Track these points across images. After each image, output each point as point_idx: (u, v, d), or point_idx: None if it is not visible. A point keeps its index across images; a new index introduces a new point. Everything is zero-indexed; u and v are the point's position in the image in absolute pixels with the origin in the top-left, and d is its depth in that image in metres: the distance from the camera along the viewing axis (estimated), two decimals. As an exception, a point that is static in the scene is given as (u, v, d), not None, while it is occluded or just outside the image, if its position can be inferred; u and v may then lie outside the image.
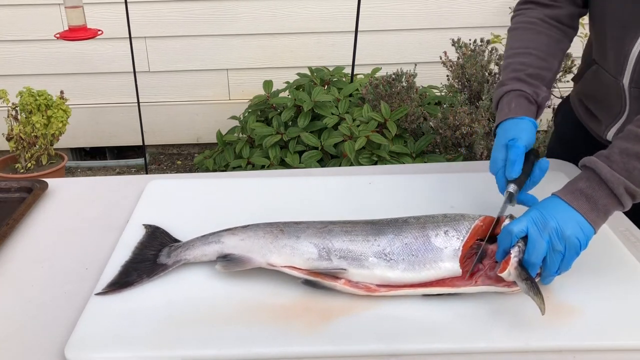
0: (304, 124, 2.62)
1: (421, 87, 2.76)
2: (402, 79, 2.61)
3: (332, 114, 2.62)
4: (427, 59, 3.13)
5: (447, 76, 2.68)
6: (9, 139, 2.86)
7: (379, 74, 2.82)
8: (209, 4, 3.17)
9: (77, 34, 2.52)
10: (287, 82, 2.92)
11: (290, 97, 2.76)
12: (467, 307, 0.90)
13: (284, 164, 2.60)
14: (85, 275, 1.00)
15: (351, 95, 2.78)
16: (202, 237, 1.01)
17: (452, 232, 0.94)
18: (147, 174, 3.10)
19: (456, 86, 2.64)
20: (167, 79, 3.36)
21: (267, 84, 2.84)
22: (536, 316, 0.86)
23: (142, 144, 2.96)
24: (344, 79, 2.91)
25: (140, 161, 3.51)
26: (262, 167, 2.59)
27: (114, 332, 0.85)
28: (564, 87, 2.13)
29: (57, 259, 1.05)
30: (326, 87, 2.83)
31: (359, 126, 2.53)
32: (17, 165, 2.93)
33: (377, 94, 2.61)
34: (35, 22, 3.12)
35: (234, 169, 2.68)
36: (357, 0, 2.64)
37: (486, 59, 2.55)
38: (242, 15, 3.21)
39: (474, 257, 0.94)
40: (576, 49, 1.39)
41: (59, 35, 2.54)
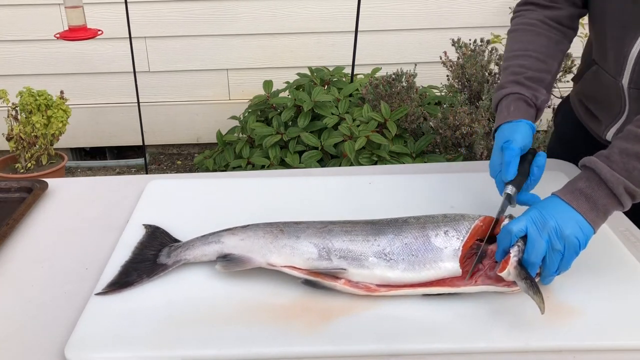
0: (304, 124, 2.62)
1: (421, 87, 2.76)
2: (402, 79, 2.61)
3: (332, 114, 2.62)
4: (427, 59, 3.13)
5: (447, 76, 2.68)
6: (9, 139, 2.87)
7: (379, 74, 2.82)
8: (209, 4, 3.18)
9: (77, 34, 2.52)
10: (287, 82, 2.92)
11: (290, 97, 2.76)
12: (467, 307, 0.90)
13: (284, 164, 2.60)
14: (85, 275, 1.00)
15: (351, 95, 2.78)
16: (202, 237, 1.01)
17: (452, 232, 0.94)
18: (147, 174, 3.10)
19: (456, 86, 2.64)
20: (167, 79, 3.36)
21: (267, 84, 2.84)
22: (536, 316, 0.86)
23: (142, 144, 2.96)
24: (344, 79, 2.91)
25: (140, 161, 3.51)
26: (262, 167, 2.59)
27: (114, 332, 0.85)
28: (564, 87, 2.14)
29: (57, 259, 1.05)
30: (326, 87, 2.83)
31: (359, 126, 2.53)
32: (17, 165, 2.93)
33: (377, 94, 2.61)
34: (35, 22, 3.13)
35: (234, 169, 2.68)
36: (357, 0, 2.64)
37: (486, 59, 2.55)
38: (242, 15, 3.21)
39: (474, 257, 0.94)
40: (576, 48, 1.39)
41: (59, 35, 2.54)
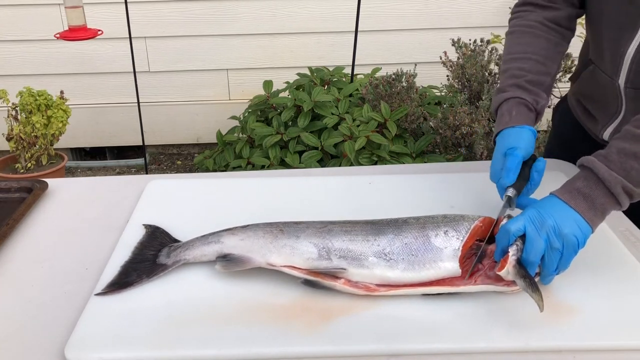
0: (304, 124, 2.62)
1: (421, 87, 2.76)
2: (402, 79, 2.61)
3: (332, 114, 2.62)
4: (427, 59, 3.13)
5: (447, 76, 2.68)
6: (9, 139, 2.87)
7: (379, 74, 2.82)
8: (209, 4, 3.18)
9: (77, 34, 2.52)
10: (287, 82, 2.92)
11: (290, 97, 2.76)
12: (467, 307, 0.90)
13: (284, 164, 2.60)
14: (85, 275, 1.00)
15: (351, 95, 2.78)
16: (202, 237, 1.01)
17: (452, 232, 0.94)
18: (147, 174, 3.10)
19: (456, 86, 2.64)
20: (167, 79, 3.36)
21: (267, 84, 2.84)
22: (536, 316, 0.86)
23: (142, 144, 2.96)
24: (344, 79, 2.91)
25: (140, 161, 3.51)
26: (262, 167, 2.59)
27: (114, 332, 0.85)
28: (564, 87, 2.13)
29: (57, 259, 1.05)
30: (326, 87, 2.83)
31: (359, 126, 2.53)
32: (17, 165, 2.93)
33: (377, 94, 2.61)
34: (35, 22, 3.13)
35: (234, 169, 2.68)
36: (357, 0, 2.64)
37: (486, 59, 2.55)
38: (242, 15, 3.21)
39: (474, 258, 0.94)
40: (576, 48, 1.39)
41: (59, 35, 2.54)
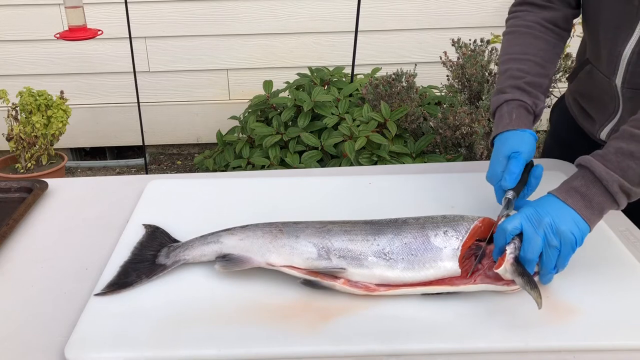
0: (304, 124, 2.62)
1: (421, 87, 2.76)
2: (402, 79, 2.61)
3: (332, 114, 2.62)
4: (427, 59, 3.13)
5: (447, 76, 2.68)
6: (9, 139, 2.87)
7: (379, 74, 2.82)
8: (209, 4, 3.18)
9: (77, 34, 2.52)
10: (287, 82, 2.92)
11: (290, 97, 2.76)
12: (467, 307, 0.90)
13: (284, 164, 2.60)
14: (85, 275, 1.00)
15: (351, 95, 2.78)
16: (201, 237, 1.01)
17: (451, 232, 0.94)
18: (147, 174, 3.10)
19: (456, 86, 2.64)
20: (167, 79, 3.36)
21: (267, 84, 2.84)
22: (536, 316, 0.86)
23: (142, 144, 2.96)
24: (344, 79, 2.91)
25: (140, 161, 3.51)
26: (262, 167, 2.59)
27: (114, 332, 0.85)
28: (564, 87, 2.13)
29: (57, 259, 1.05)
30: (326, 87, 2.83)
31: (359, 126, 2.53)
32: (17, 165, 2.93)
33: (377, 94, 2.61)
34: (35, 22, 3.13)
35: (234, 169, 2.68)
36: (357, 0, 2.64)
37: (486, 59, 2.55)
38: (242, 15, 3.21)
39: (473, 258, 0.94)
40: (576, 49, 1.39)
41: (59, 35, 2.54)
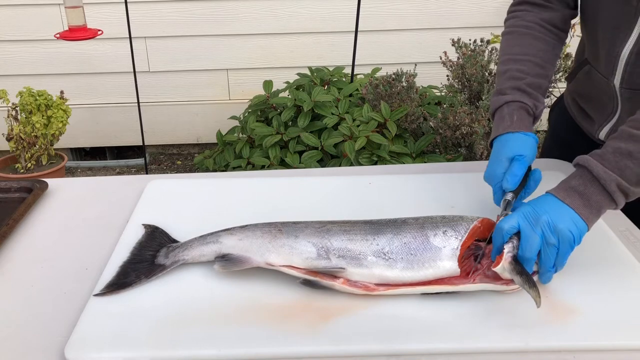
0: (304, 124, 2.62)
1: (421, 87, 2.76)
2: (402, 79, 2.61)
3: (332, 114, 2.62)
4: (427, 59, 3.13)
5: (447, 76, 2.68)
6: (9, 139, 2.87)
7: (379, 74, 2.82)
8: (209, 4, 3.18)
9: (77, 34, 2.52)
10: (287, 82, 2.92)
11: (290, 97, 2.76)
12: (467, 307, 0.90)
13: (284, 164, 2.60)
14: (85, 275, 1.00)
15: (351, 95, 2.78)
16: (200, 237, 1.01)
17: (451, 231, 0.94)
18: (147, 174, 3.10)
19: (456, 86, 2.64)
20: (167, 79, 3.36)
21: (267, 84, 2.84)
22: (536, 316, 0.86)
23: (142, 144, 2.96)
24: (344, 79, 2.91)
25: (140, 161, 3.51)
26: (262, 167, 2.59)
27: (114, 332, 0.85)
28: (563, 87, 2.13)
29: (57, 259, 1.05)
30: (326, 87, 2.83)
31: (359, 126, 2.53)
32: (17, 165, 2.93)
33: (377, 94, 2.61)
34: (35, 22, 3.13)
35: (234, 169, 2.68)
36: (357, 0, 2.64)
37: (486, 59, 2.55)
38: (242, 15, 3.21)
39: (472, 258, 0.94)
40: (575, 48, 1.39)
41: (59, 35, 2.54)
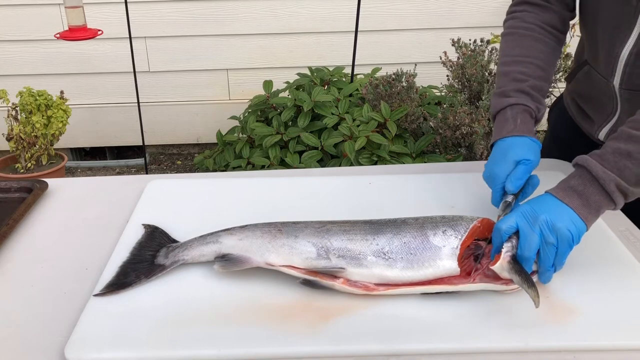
0: (304, 124, 2.62)
1: (421, 87, 2.76)
2: (402, 79, 2.61)
3: (332, 114, 2.62)
4: (427, 59, 3.13)
5: (447, 76, 2.68)
6: (9, 139, 2.87)
7: (379, 74, 2.82)
8: (209, 4, 3.18)
9: (77, 34, 2.52)
10: (287, 82, 2.92)
11: (290, 97, 2.76)
12: (467, 307, 0.90)
13: (284, 164, 2.60)
14: (85, 275, 1.00)
15: (351, 95, 2.78)
16: (200, 237, 1.01)
17: (450, 231, 0.94)
18: (147, 174, 3.10)
19: (456, 86, 2.64)
20: (167, 79, 3.36)
21: (267, 84, 2.84)
22: (536, 316, 0.86)
23: (142, 144, 2.96)
24: (344, 79, 2.91)
25: (140, 161, 3.51)
26: (262, 167, 2.59)
27: (114, 332, 0.85)
28: (563, 87, 2.13)
29: (57, 259, 1.05)
30: (326, 87, 2.83)
31: (359, 126, 2.53)
32: (17, 165, 2.93)
33: (377, 94, 2.61)
34: (35, 22, 3.13)
35: (234, 169, 2.68)
36: (357, 0, 2.64)
37: (486, 59, 2.55)
38: (242, 15, 3.21)
39: (472, 258, 0.94)
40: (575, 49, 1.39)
41: (59, 35, 2.54)
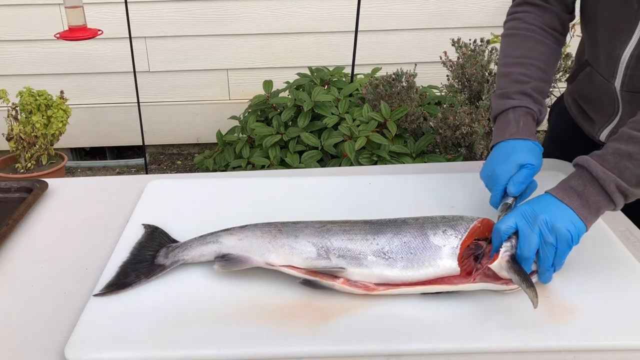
0: (304, 124, 2.62)
1: (421, 87, 2.76)
2: (402, 79, 2.61)
3: (332, 114, 2.62)
4: (427, 59, 3.13)
5: (447, 76, 2.68)
6: (9, 139, 2.87)
7: (379, 74, 2.82)
8: (209, 4, 3.18)
9: (77, 34, 2.53)
10: (287, 82, 2.92)
11: (290, 97, 2.76)
12: (467, 307, 0.90)
13: (284, 164, 2.60)
14: (85, 275, 1.00)
15: (351, 95, 2.78)
16: (200, 237, 1.01)
17: (450, 230, 0.94)
18: (147, 174, 3.10)
19: (456, 86, 2.64)
20: (167, 79, 3.36)
21: (267, 84, 2.84)
22: (536, 316, 0.86)
23: (142, 144, 2.96)
24: (344, 79, 2.91)
25: (140, 161, 3.51)
26: (262, 167, 2.59)
27: (114, 332, 0.85)
28: (564, 87, 2.13)
29: (57, 259, 1.05)
30: (326, 87, 2.83)
31: (359, 126, 2.53)
32: (17, 165, 2.93)
33: (377, 94, 2.61)
34: (35, 22, 3.13)
35: (234, 169, 2.68)
36: (357, 0, 2.64)
37: (486, 59, 2.55)
38: (242, 15, 3.21)
39: (472, 258, 0.94)
40: (576, 48, 1.39)
41: (59, 35, 2.54)
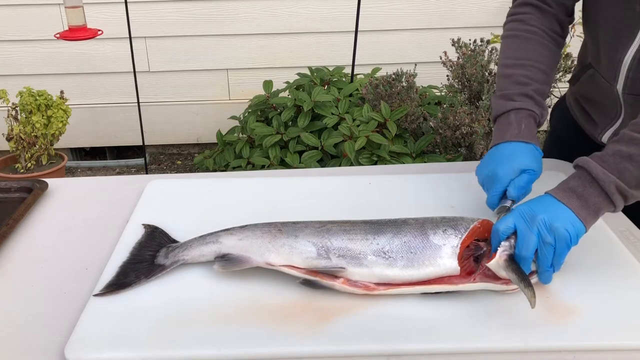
0: (304, 124, 2.62)
1: (421, 87, 2.76)
2: (402, 79, 2.61)
3: (332, 114, 2.62)
4: (427, 59, 3.13)
5: (447, 76, 2.68)
6: (9, 139, 2.87)
7: (379, 74, 2.82)
8: (209, 4, 3.18)
9: (77, 34, 2.53)
10: (287, 82, 2.92)
11: (290, 97, 2.76)
12: (467, 307, 0.90)
13: (284, 164, 2.60)
14: (85, 275, 1.00)
15: (351, 95, 2.78)
16: (200, 237, 1.01)
17: (450, 230, 0.94)
18: (147, 174, 3.10)
19: (456, 86, 2.64)
20: (167, 79, 3.36)
21: (267, 84, 2.84)
22: (536, 316, 0.86)
23: (142, 144, 2.96)
24: (344, 79, 2.91)
25: (140, 161, 3.51)
26: (262, 167, 2.59)
27: (114, 332, 0.85)
28: (564, 87, 2.14)
29: (57, 259, 1.05)
30: (326, 87, 2.83)
31: (359, 126, 2.53)
32: (17, 165, 2.93)
33: (377, 94, 2.61)
34: (35, 22, 3.13)
35: (234, 169, 2.68)
36: (357, 0, 2.64)
37: (486, 59, 2.55)
38: (242, 15, 3.21)
39: (472, 258, 0.94)
40: (576, 49, 1.39)
41: (59, 35, 2.54)
